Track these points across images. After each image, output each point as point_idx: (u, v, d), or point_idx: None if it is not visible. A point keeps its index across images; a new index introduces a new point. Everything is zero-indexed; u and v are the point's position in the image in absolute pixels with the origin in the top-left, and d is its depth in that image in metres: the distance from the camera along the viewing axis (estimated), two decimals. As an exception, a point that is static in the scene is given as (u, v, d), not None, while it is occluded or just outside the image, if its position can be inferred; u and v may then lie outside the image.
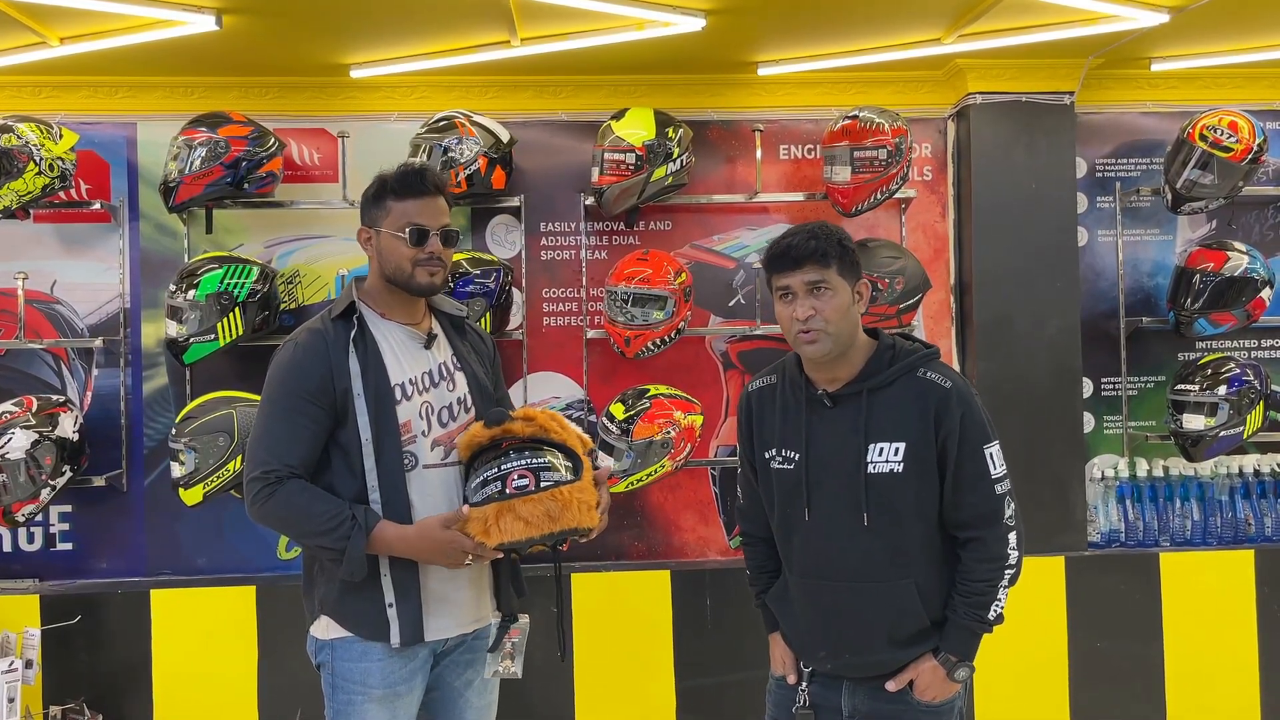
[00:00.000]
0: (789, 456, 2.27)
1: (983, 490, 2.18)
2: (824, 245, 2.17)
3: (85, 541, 3.88)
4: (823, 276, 2.17)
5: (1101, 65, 3.93)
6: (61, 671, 3.62)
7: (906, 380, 2.21)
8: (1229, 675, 3.88)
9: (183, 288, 3.58)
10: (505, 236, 4.02)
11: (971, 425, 2.19)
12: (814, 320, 2.16)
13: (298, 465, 2.22)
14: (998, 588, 2.19)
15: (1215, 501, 4.03)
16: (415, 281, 2.32)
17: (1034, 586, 3.86)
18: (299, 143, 3.96)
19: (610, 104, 3.88)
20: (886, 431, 2.19)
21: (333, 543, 2.17)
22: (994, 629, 2.23)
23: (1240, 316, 3.91)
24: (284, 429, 2.24)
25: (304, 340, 2.31)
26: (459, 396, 2.40)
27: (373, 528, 2.19)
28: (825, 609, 2.25)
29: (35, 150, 3.48)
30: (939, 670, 2.20)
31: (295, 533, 2.26)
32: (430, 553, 2.22)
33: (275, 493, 2.20)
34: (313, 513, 2.19)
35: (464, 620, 2.38)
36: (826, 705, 2.30)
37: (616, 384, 3.94)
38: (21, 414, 3.55)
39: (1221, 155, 3.75)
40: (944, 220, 4.12)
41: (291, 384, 2.25)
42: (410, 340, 2.38)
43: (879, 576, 2.20)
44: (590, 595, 3.75)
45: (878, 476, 2.18)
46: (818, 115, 4.06)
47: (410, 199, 2.32)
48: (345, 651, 2.29)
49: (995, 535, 2.18)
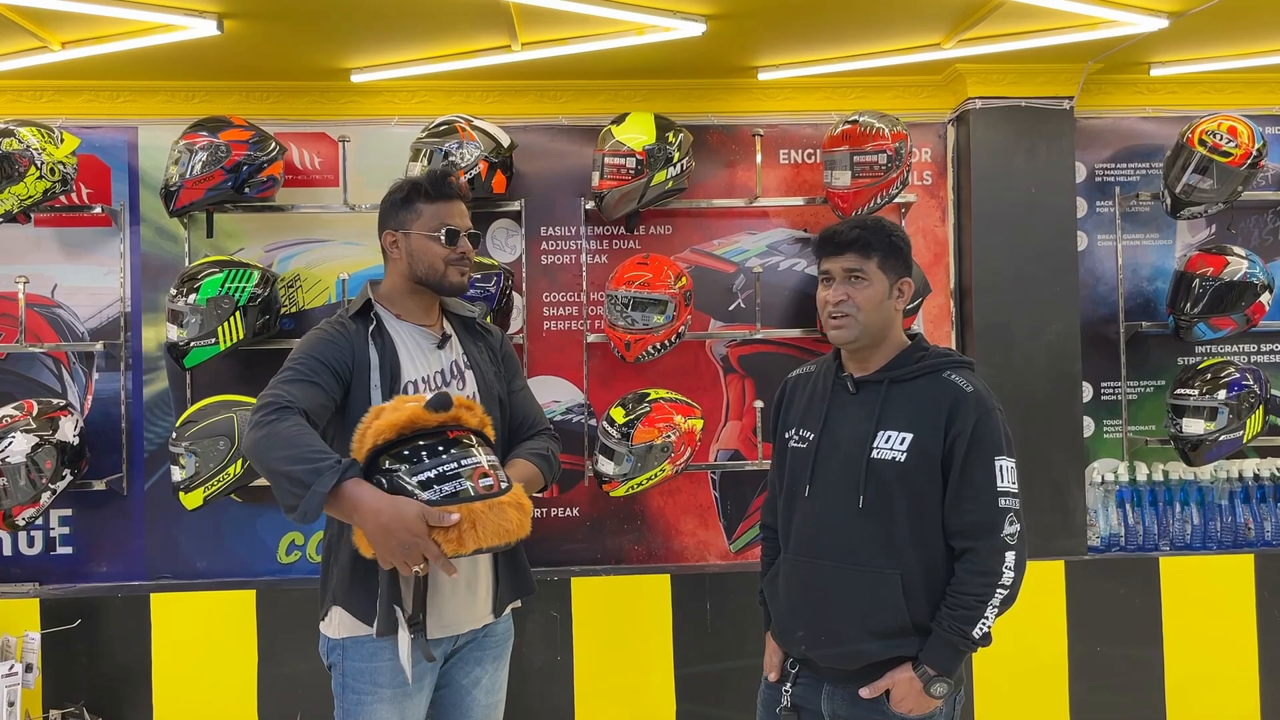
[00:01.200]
0: (805, 436, 2.34)
1: (985, 499, 2.18)
2: (868, 236, 2.26)
3: (85, 545, 3.88)
4: (861, 266, 2.26)
5: (1101, 70, 3.94)
6: (61, 675, 3.62)
7: (930, 379, 2.26)
8: (1229, 679, 3.88)
9: (183, 292, 3.58)
10: (506, 241, 4.03)
11: (986, 433, 2.19)
12: (845, 305, 2.25)
13: (310, 412, 2.21)
14: (987, 605, 2.16)
15: (1215, 506, 4.04)
16: (448, 280, 2.42)
17: (1034, 591, 3.85)
18: (300, 147, 3.97)
19: (610, 108, 3.89)
20: (897, 421, 2.23)
21: (304, 474, 2.03)
22: (978, 649, 2.21)
23: (1240, 321, 3.91)
24: (302, 386, 2.24)
25: (329, 326, 2.39)
26: (468, 395, 2.43)
27: (350, 477, 2.04)
28: (809, 588, 2.28)
29: (36, 154, 3.49)
30: (916, 682, 2.18)
31: (274, 458, 2.07)
32: (389, 535, 2.00)
33: (282, 417, 2.13)
34: (303, 441, 2.09)
35: (471, 617, 2.39)
36: (809, 708, 2.32)
37: (616, 388, 3.95)
38: (22, 418, 3.55)
39: (1221, 160, 3.75)
40: (944, 225, 4.13)
41: (316, 353, 2.30)
42: (424, 340, 2.45)
43: (866, 562, 2.21)
44: (590, 599, 3.75)
45: (879, 462, 2.21)
46: (818, 120, 4.06)
47: (441, 201, 2.42)
48: (356, 651, 2.31)
49: (990, 548, 2.17)
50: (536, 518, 3.95)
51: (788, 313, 4.04)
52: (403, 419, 2.07)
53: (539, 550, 3.98)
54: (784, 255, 4.07)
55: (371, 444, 2.07)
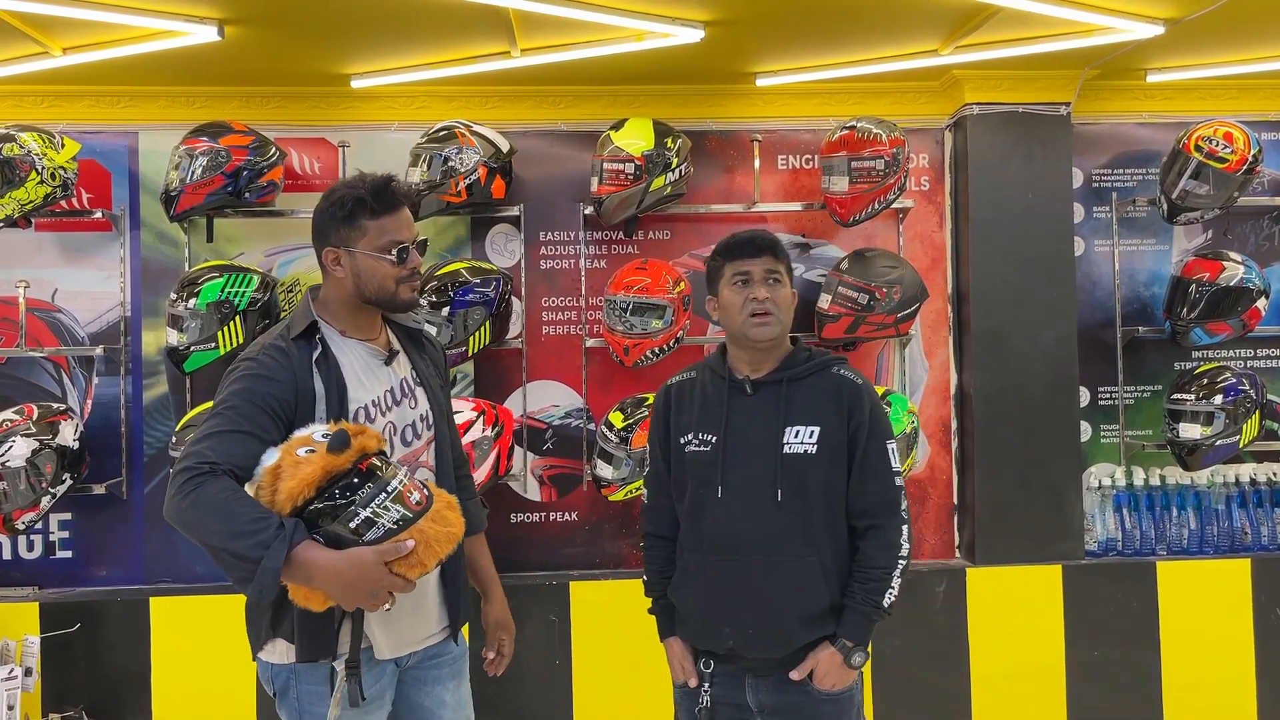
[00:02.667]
0: (706, 439, 2.41)
1: (885, 480, 2.36)
2: (777, 242, 2.45)
3: (85, 549, 3.89)
4: (776, 268, 2.42)
5: (1098, 76, 3.95)
6: (61, 679, 3.62)
7: (821, 375, 2.41)
8: (1226, 684, 3.89)
9: (183, 296, 3.59)
10: (505, 245, 4.04)
11: (878, 420, 2.39)
12: (768, 304, 2.38)
13: (239, 471, 2.02)
14: (893, 576, 2.33)
15: (1212, 510, 4.05)
16: (399, 299, 2.27)
17: (1031, 595, 3.88)
18: (300, 152, 3.98)
19: (609, 114, 3.90)
20: (803, 416, 2.36)
21: (249, 549, 1.88)
22: (886, 618, 2.36)
23: (1236, 326, 3.92)
24: (228, 438, 2.04)
25: (268, 357, 2.17)
26: (421, 414, 2.32)
27: (299, 543, 1.91)
28: (733, 584, 2.35)
29: (37, 159, 3.49)
30: (836, 656, 2.31)
31: (210, 533, 1.93)
32: (354, 589, 1.93)
33: (205, 484, 1.94)
34: (236, 512, 1.92)
35: (419, 636, 2.31)
36: (730, 702, 2.40)
37: (615, 393, 3.95)
38: (22, 422, 3.56)
39: (1217, 166, 3.77)
40: (941, 230, 4.14)
41: (253, 396, 2.10)
42: (371, 358, 2.29)
43: (790, 552, 2.33)
44: (589, 604, 3.75)
45: (792, 456, 2.34)
46: (816, 125, 4.08)
47: (386, 215, 2.23)
48: (311, 674, 2.19)
49: (893, 524, 2.35)
50: (535, 522, 4.00)
51: (786, 317, 4.05)
52: (315, 472, 1.94)
53: (538, 555, 3.99)
54: (782, 260, 4.08)
55: (290, 508, 1.95)
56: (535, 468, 4.01)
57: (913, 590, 3.85)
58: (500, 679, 2.63)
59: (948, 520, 4.11)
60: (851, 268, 3.82)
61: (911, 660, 3.83)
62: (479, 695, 2.58)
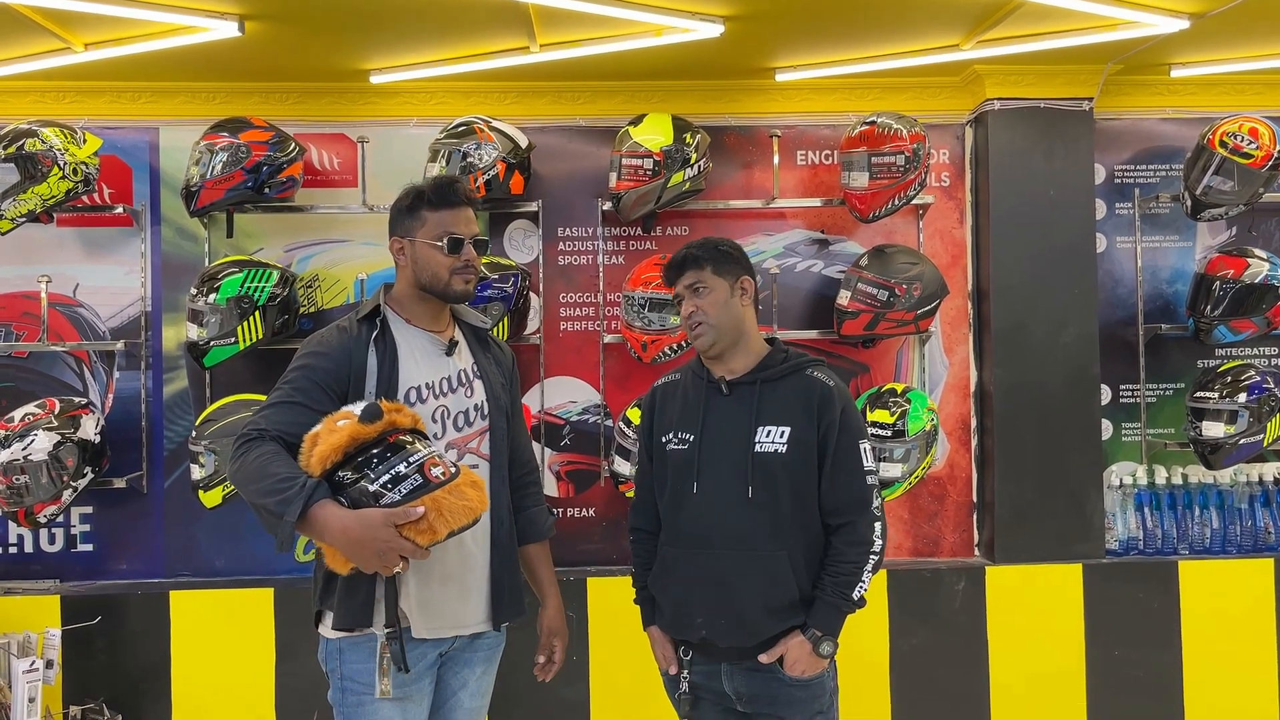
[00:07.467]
0: (684, 438, 2.51)
1: (856, 479, 2.43)
2: (696, 252, 2.52)
3: (105, 543, 3.91)
4: (698, 278, 2.50)
5: (1120, 71, 3.92)
6: (81, 672, 3.64)
7: (796, 377, 2.48)
8: (1248, 685, 3.85)
9: (203, 291, 3.61)
10: (523, 241, 4.04)
11: (849, 420, 2.45)
12: (696, 314, 2.48)
13: (288, 437, 2.21)
14: (863, 571, 2.40)
15: (1234, 509, 4.01)
16: (451, 288, 2.41)
17: (1051, 594, 3.85)
18: (319, 148, 3.99)
19: (628, 110, 3.89)
20: (775, 417, 2.44)
21: (274, 505, 2.08)
22: (856, 610, 2.42)
23: (1261, 324, 3.89)
24: (282, 409, 2.25)
25: (331, 334, 2.39)
26: (476, 403, 2.44)
27: (316, 501, 2.07)
28: (706, 577, 2.43)
29: (59, 155, 3.52)
30: (805, 645, 2.39)
31: (249, 490, 2.15)
32: (361, 547, 2.06)
33: (252, 448, 2.17)
34: (270, 471, 2.12)
35: (456, 622, 2.38)
36: (709, 688, 2.49)
37: (633, 389, 3.95)
38: (44, 416, 3.58)
39: (1241, 161, 3.73)
40: (961, 226, 4.12)
41: (309, 371, 2.30)
42: (432, 346, 2.44)
43: (759, 546, 2.40)
44: (606, 599, 3.75)
45: (763, 455, 2.42)
46: (835, 121, 4.06)
47: (445, 209, 2.41)
48: (354, 653, 2.31)
49: (865, 521, 2.42)
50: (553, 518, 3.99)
51: (805, 314, 4.04)
52: (343, 439, 2.11)
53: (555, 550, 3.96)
54: (801, 256, 4.07)
55: (320, 470, 2.12)
56: (553, 463, 4.01)
57: (932, 588, 3.84)
58: (518, 674, 2.63)
59: (967, 518, 4.09)
60: (871, 264, 3.80)
61: (930, 659, 3.81)
62: (499, 689, 2.59)
